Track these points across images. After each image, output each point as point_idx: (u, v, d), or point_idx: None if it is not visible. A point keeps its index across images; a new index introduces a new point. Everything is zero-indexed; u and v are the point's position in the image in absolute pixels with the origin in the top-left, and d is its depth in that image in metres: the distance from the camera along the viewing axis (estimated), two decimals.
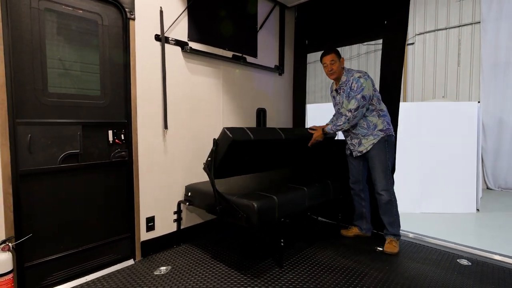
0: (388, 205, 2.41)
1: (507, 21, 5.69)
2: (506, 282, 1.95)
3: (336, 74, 2.49)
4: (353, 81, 2.42)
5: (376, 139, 2.44)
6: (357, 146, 2.54)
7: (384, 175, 2.41)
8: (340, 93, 2.54)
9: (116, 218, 2.15)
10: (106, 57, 2.03)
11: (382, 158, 2.43)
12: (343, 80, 2.50)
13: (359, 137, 2.51)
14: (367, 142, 2.47)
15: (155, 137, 2.30)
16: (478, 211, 4.45)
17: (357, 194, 2.71)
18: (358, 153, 2.54)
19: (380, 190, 2.42)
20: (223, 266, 2.15)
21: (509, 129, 5.71)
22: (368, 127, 2.46)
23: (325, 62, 2.50)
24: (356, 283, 1.92)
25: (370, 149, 2.46)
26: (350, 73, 2.48)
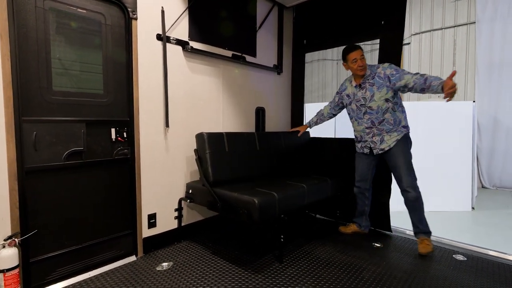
0: (416, 202, 2.33)
1: (502, 22, 5.78)
2: (501, 276, 2.01)
3: (366, 70, 2.41)
4: (382, 70, 2.35)
5: (400, 135, 2.39)
6: (378, 143, 2.45)
7: (409, 172, 2.34)
8: (366, 87, 2.42)
9: (118, 215, 2.18)
10: (109, 56, 2.06)
11: (406, 154, 2.37)
12: (368, 74, 2.42)
13: (382, 133, 2.42)
14: (390, 139, 2.40)
15: (157, 135, 2.33)
16: (473, 209, 4.53)
17: (362, 193, 2.67)
18: (379, 151, 2.45)
19: (407, 187, 2.34)
20: (224, 261, 2.19)
21: (504, 129, 5.80)
22: (394, 122, 2.39)
23: (355, 58, 2.38)
24: (354, 277, 1.97)
25: (393, 146, 2.39)
26: (373, 66, 2.43)
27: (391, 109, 2.38)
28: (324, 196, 2.65)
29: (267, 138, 2.88)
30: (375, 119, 2.43)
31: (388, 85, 2.33)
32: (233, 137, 2.59)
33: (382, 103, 2.37)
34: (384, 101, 2.37)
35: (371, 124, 2.46)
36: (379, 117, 2.41)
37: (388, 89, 2.34)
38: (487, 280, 1.94)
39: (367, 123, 2.48)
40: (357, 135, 2.63)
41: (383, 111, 2.39)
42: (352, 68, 2.43)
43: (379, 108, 2.39)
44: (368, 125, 2.48)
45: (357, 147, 2.67)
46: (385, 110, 2.38)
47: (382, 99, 2.37)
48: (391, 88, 2.33)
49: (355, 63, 2.40)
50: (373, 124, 2.45)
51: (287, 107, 3.61)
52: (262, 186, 2.34)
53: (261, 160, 2.76)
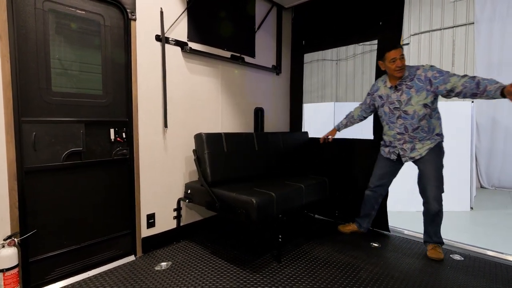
0: (437, 216, 2.24)
1: (500, 22, 5.79)
2: (497, 276, 2.02)
3: (404, 71, 2.23)
4: (423, 72, 2.17)
5: (433, 143, 2.23)
6: (408, 151, 2.29)
7: (437, 184, 2.20)
8: (403, 90, 2.25)
9: (117, 215, 2.19)
10: (108, 57, 2.07)
11: (437, 164, 2.22)
12: (406, 75, 2.24)
13: (414, 141, 2.26)
14: (423, 148, 2.24)
15: (156, 135, 2.35)
16: (472, 209, 4.54)
17: (374, 198, 2.56)
18: (409, 159, 2.30)
19: (431, 200, 2.21)
20: (222, 261, 2.20)
21: (503, 129, 5.82)
22: (428, 130, 2.23)
23: (394, 57, 2.20)
24: (352, 277, 1.98)
25: (425, 154, 2.23)
26: (411, 67, 2.25)
27: (428, 116, 2.20)
28: (322, 196, 2.67)
29: (265, 138, 2.89)
30: (409, 125, 2.25)
31: (429, 89, 2.14)
32: (231, 138, 2.60)
33: (420, 108, 2.19)
34: (422, 107, 2.18)
35: (403, 130, 2.28)
36: (414, 123, 2.22)
37: (428, 93, 2.15)
38: (484, 280, 1.96)
39: (399, 128, 2.30)
40: (386, 140, 2.47)
41: (419, 118, 2.20)
42: (389, 68, 2.25)
43: (415, 113, 2.21)
44: (400, 130, 2.30)
45: (383, 151, 2.52)
46: (422, 116, 2.19)
47: (420, 104, 2.18)
48: (432, 92, 2.14)
49: (393, 63, 2.22)
50: (406, 131, 2.27)
51: (286, 108, 3.62)
52: (260, 186, 2.35)
53: (259, 160, 2.77)
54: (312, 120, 5.55)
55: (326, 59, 8.35)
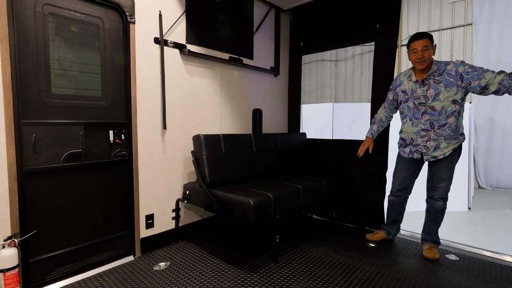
0: (441, 212, 2.26)
1: (498, 23, 5.82)
2: (491, 275, 2.05)
3: (426, 64, 2.12)
4: (454, 67, 2.07)
5: (457, 143, 2.18)
6: (431, 149, 2.21)
7: (449, 184, 2.21)
8: (430, 84, 2.16)
9: (116, 216, 2.21)
10: (107, 59, 2.10)
11: (454, 165, 2.22)
12: (434, 69, 2.14)
13: (439, 139, 2.18)
14: (447, 147, 2.17)
15: (155, 136, 2.37)
16: (470, 209, 4.56)
17: (399, 203, 2.48)
18: (431, 158, 2.23)
19: (438, 197, 2.23)
20: (221, 261, 2.23)
21: (500, 129, 5.84)
22: (455, 129, 2.14)
23: (415, 48, 2.13)
24: (348, 276, 2.01)
25: (449, 154, 2.18)
26: (441, 63, 2.15)
27: (457, 113, 2.12)
28: (320, 196, 2.69)
29: (263, 140, 2.92)
30: (436, 121, 2.16)
31: (460, 84, 2.05)
32: (230, 139, 2.62)
33: (448, 104, 2.10)
34: (451, 103, 2.10)
35: (429, 127, 2.20)
36: (441, 119, 2.14)
37: (459, 89, 2.06)
38: (478, 280, 1.98)
39: (424, 124, 2.21)
40: (405, 138, 2.36)
41: (447, 114, 2.12)
42: (411, 59, 2.18)
43: (443, 109, 2.12)
44: (425, 127, 2.21)
45: (403, 152, 2.42)
46: (450, 113, 2.11)
47: (449, 100, 2.09)
48: (463, 88, 2.05)
49: (414, 54, 2.14)
50: (431, 127, 2.19)
51: (284, 109, 3.64)
52: (258, 187, 2.37)
53: (257, 161, 2.79)
54: (311, 121, 5.58)
55: (325, 59, 8.38)
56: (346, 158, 2.98)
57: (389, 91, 2.50)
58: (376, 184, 2.81)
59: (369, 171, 2.84)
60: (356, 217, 2.96)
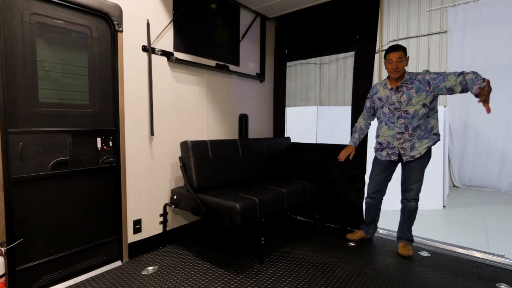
0: (414, 212, 2.45)
1: (471, 31, 6.16)
2: (459, 270, 2.23)
3: (400, 73, 2.36)
4: (422, 76, 2.33)
5: (431, 142, 2.37)
6: (408, 150, 2.40)
7: (420, 184, 2.41)
8: (403, 91, 2.38)
9: (104, 222, 2.24)
10: (95, 68, 2.12)
11: (424, 169, 2.40)
12: (407, 78, 2.38)
13: (413, 140, 2.38)
14: (421, 146, 2.37)
15: (142, 143, 2.41)
16: (444, 207, 4.83)
17: (375, 204, 2.67)
18: (409, 158, 2.41)
19: (411, 198, 2.42)
20: (208, 264, 2.30)
21: (473, 132, 6.19)
22: (425, 129, 2.36)
23: (391, 59, 2.36)
24: (329, 275, 2.13)
25: (424, 153, 2.37)
26: (412, 73, 2.40)
27: (426, 116, 2.36)
28: (303, 199, 2.81)
29: (249, 145, 3.01)
30: (410, 124, 2.37)
31: (428, 90, 2.30)
32: (216, 145, 2.70)
33: (420, 107, 2.33)
34: (422, 106, 2.33)
35: (404, 129, 2.40)
36: (414, 122, 2.35)
37: (428, 94, 2.30)
38: (446, 274, 2.15)
39: (399, 127, 2.42)
40: (382, 141, 2.55)
41: (419, 117, 2.34)
42: (387, 68, 2.42)
43: (415, 112, 2.34)
44: (400, 130, 2.42)
45: (380, 156, 2.59)
46: (421, 115, 2.34)
47: (420, 104, 2.32)
48: (431, 92, 2.30)
49: (390, 64, 2.37)
50: (406, 129, 2.39)
51: (270, 114, 3.75)
52: (244, 192, 2.46)
53: (243, 166, 2.88)
54: (296, 124, 5.71)
55: (310, 62, 8.56)
56: (328, 162, 3.12)
57: (366, 99, 2.69)
58: (356, 186, 2.96)
59: (349, 174, 2.99)
60: (338, 217, 3.11)
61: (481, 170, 6.11)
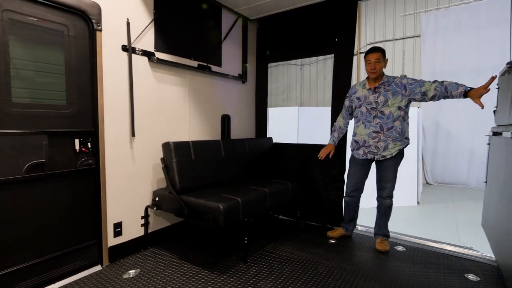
0: (389, 209, 2.58)
1: (442, 35, 6.49)
2: (431, 263, 2.36)
3: (377, 74, 2.47)
4: (401, 80, 2.45)
5: (402, 145, 2.50)
6: (381, 149, 2.51)
7: (394, 182, 2.54)
8: (381, 92, 2.50)
9: (83, 225, 2.18)
10: (72, 67, 2.06)
11: (397, 167, 2.52)
12: (385, 80, 2.50)
13: (388, 140, 2.49)
14: (394, 147, 2.48)
15: (123, 144, 2.37)
16: (418, 204, 5.08)
17: (354, 202, 2.76)
18: (381, 157, 2.53)
19: (386, 196, 2.54)
20: (191, 265, 2.30)
21: (444, 132, 6.54)
22: (401, 132, 2.48)
23: (369, 60, 2.46)
24: (310, 272, 2.20)
25: (395, 155, 2.49)
26: (390, 77, 2.52)
27: (402, 118, 2.47)
28: (285, 198, 2.86)
29: (232, 145, 3.03)
30: (385, 124, 2.48)
31: (404, 93, 2.42)
32: (199, 145, 2.69)
33: (395, 109, 2.44)
34: (397, 108, 2.44)
35: (379, 129, 2.51)
36: (389, 123, 2.47)
37: (403, 97, 2.42)
38: (419, 267, 2.28)
39: (375, 127, 2.53)
40: (359, 140, 2.64)
41: (393, 118, 2.45)
42: (366, 69, 2.53)
43: (390, 113, 2.46)
44: (376, 129, 2.52)
45: (357, 155, 2.68)
46: (396, 117, 2.45)
47: (396, 106, 2.44)
48: (407, 96, 2.42)
49: (368, 64, 2.48)
50: (381, 129, 2.50)
51: (252, 114, 3.78)
52: (227, 192, 2.48)
53: (226, 166, 2.89)
54: (277, 125, 5.78)
55: (291, 63, 8.69)
56: (310, 161, 3.20)
57: (345, 98, 2.78)
58: (336, 185, 3.05)
59: (329, 173, 3.08)
60: (319, 216, 3.19)
61: (451, 168, 6.47)
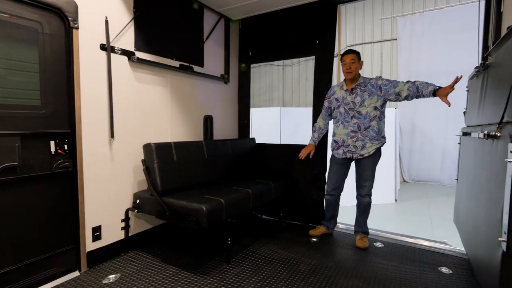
0: (368, 207, 2.65)
1: (417, 39, 6.77)
2: (408, 258, 2.47)
3: (353, 74, 2.57)
4: (375, 81, 2.54)
5: (379, 144, 2.58)
6: (359, 148, 2.59)
7: (372, 181, 2.61)
8: (357, 93, 2.58)
9: (59, 230, 2.10)
10: (47, 66, 1.98)
11: (375, 165, 2.60)
12: (361, 81, 2.59)
13: (365, 140, 2.56)
14: (372, 146, 2.56)
15: (102, 146, 2.30)
16: (396, 201, 5.27)
17: (334, 200, 2.82)
18: (359, 156, 2.60)
19: (365, 194, 2.62)
20: (173, 268, 2.27)
21: (420, 132, 6.83)
22: (377, 131, 2.55)
23: (344, 60, 2.57)
24: (293, 270, 2.23)
25: (373, 153, 2.57)
26: (367, 78, 2.60)
27: (378, 118, 2.55)
28: (268, 198, 2.89)
29: (215, 146, 3.02)
30: (362, 124, 2.56)
31: (379, 94, 2.51)
32: (181, 146, 2.66)
33: (371, 110, 2.53)
34: (373, 109, 2.53)
35: (357, 129, 2.59)
36: (366, 122, 2.55)
37: (379, 98, 2.51)
38: (396, 262, 2.38)
39: (353, 127, 2.60)
40: (338, 140, 2.72)
41: (370, 118, 2.54)
42: (342, 70, 2.63)
43: (367, 114, 2.54)
44: (354, 129, 2.60)
45: (337, 154, 2.75)
46: (373, 117, 2.54)
47: (372, 106, 2.53)
48: (382, 97, 2.51)
49: (344, 65, 2.59)
50: (359, 129, 2.58)
51: (234, 115, 3.78)
52: (210, 193, 2.47)
53: (209, 167, 2.88)
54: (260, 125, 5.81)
55: (274, 64, 8.75)
56: (292, 161, 3.24)
57: (324, 100, 2.86)
58: (318, 184, 3.12)
59: (311, 173, 3.14)
60: (301, 215, 3.25)
61: (426, 166, 6.76)
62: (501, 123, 1.35)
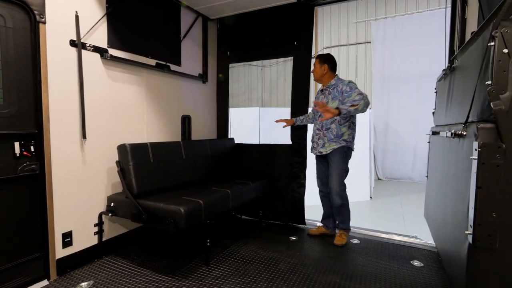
0: (340, 207, 2.67)
1: (390, 43, 7.05)
2: (382, 253, 2.56)
3: (316, 78, 2.77)
4: (343, 86, 2.60)
5: (337, 146, 2.64)
6: (320, 146, 2.73)
7: (338, 182, 2.63)
8: (325, 94, 2.72)
9: (26, 237, 1.97)
10: (10, 62, 1.85)
11: (339, 164, 2.64)
12: (332, 83, 2.69)
13: (325, 139, 2.69)
14: (329, 146, 2.67)
15: (72, 147, 2.19)
16: (371, 198, 5.46)
17: (325, 196, 2.87)
18: (318, 153, 2.76)
19: (334, 195, 2.65)
20: (150, 272, 2.20)
21: (393, 131, 7.12)
22: (336, 135, 2.64)
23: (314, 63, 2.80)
24: (273, 269, 2.24)
25: (329, 153, 2.67)
26: (341, 80, 2.68)
27: (337, 122, 2.62)
28: (247, 198, 2.88)
29: (193, 147, 2.97)
30: (324, 125, 2.70)
31: (340, 99, 2.59)
32: (158, 147, 2.59)
33: None
34: None
35: (321, 127, 2.73)
36: (327, 124, 2.67)
37: (339, 103, 2.57)
38: (372, 257, 2.46)
39: (319, 125, 2.76)
40: (312, 136, 2.86)
41: (330, 121, 2.63)
42: None
43: None
44: (319, 127, 2.75)
45: (313, 151, 2.86)
46: (332, 120, 2.62)
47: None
48: (342, 102, 2.56)
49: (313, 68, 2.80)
50: (322, 128, 2.72)
51: (213, 115, 3.74)
52: (188, 194, 2.42)
53: (187, 168, 2.83)
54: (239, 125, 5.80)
55: (252, 64, 8.76)
56: (271, 161, 3.26)
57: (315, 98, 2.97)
58: (297, 182, 3.15)
59: (290, 171, 3.17)
60: (280, 214, 3.27)
61: (398, 164, 7.06)
62: (467, 122, 1.43)
